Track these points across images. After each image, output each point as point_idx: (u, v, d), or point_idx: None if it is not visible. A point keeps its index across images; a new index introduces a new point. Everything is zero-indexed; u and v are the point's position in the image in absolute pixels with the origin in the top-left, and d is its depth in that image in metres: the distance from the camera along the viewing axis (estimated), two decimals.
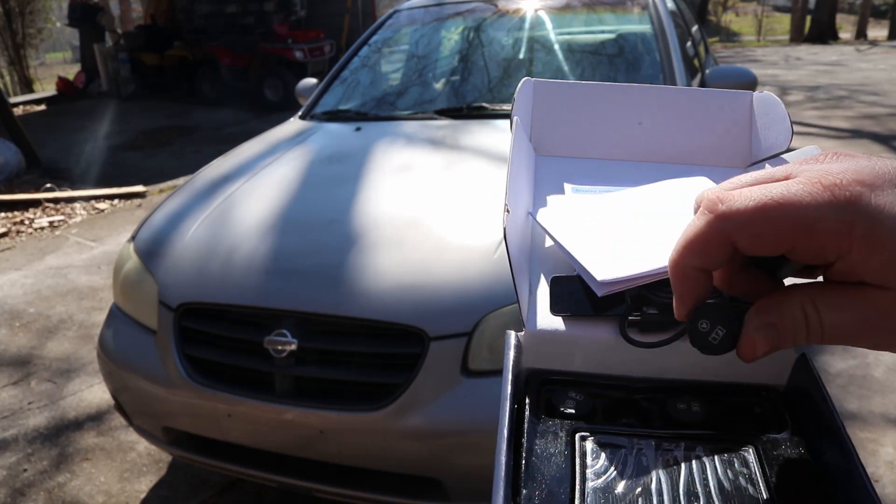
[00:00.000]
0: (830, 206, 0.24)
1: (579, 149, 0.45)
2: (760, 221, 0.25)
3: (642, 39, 2.52)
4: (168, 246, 1.77)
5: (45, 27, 15.46)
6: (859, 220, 0.24)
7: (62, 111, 9.41)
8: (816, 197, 0.24)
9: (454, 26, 2.92)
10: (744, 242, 0.26)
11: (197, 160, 5.85)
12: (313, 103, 2.66)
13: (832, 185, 0.25)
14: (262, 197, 1.90)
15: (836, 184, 0.25)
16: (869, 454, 1.97)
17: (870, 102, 7.73)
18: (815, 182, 0.25)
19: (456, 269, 1.50)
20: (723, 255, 0.26)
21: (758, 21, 22.82)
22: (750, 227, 0.25)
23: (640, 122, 0.43)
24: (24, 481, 2.05)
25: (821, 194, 0.24)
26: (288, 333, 1.48)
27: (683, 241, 0.27)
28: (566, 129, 0.44)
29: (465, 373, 1.42)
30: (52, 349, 2.84)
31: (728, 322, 0.28)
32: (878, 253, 0.24)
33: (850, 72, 10.68)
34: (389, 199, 1.83)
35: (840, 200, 0.24)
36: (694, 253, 0.27)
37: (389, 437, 1.43)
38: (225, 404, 1.53)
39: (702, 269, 0.27)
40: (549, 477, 0.27)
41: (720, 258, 0.27)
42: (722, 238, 0.26)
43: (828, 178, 0.25)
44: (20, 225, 4.59)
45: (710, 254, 0.27)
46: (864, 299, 0.25)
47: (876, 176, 0.25)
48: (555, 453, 0.28)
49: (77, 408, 2.41)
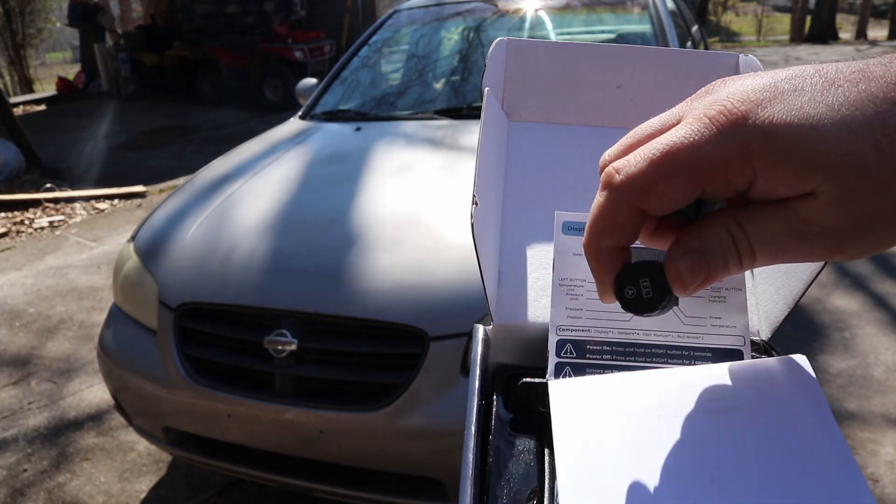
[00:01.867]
0: (720, 136, 0.23)
1: (555, 114, 0.42)
2: (659, 180, 0.23)
3: (642, 39, 2.52)
4: (168, 246, 1.77)
5: (45, 27, 15.46)
6: (752, 141, 0.22)
7: (62, 111, 9.41)
8: (704, 133, 0.23)
9: (454, 26, 2.92)
10: (651, 206, 0.24)
11: (197, 160, 5.85)
12: (313, 103, 2.66)
13: (717, 114, 0.23)
14: (263, 197, 1.90)
15: (720, 111, 0.23)
16: (869, 454, 1.97)
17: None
18: (700, 118, 0.23)
19: (456, 269, 1.50)
20: (634, 226, 0.25)
21: (758, 21, 22.77)
22: (650, 189, 0.24)
23: (620, 86, 0.41)
24: (24, 481, 2.05)
25: (708, 128, 0.23)
26: (288, 333, 1.49)
27: (591, 222, 0.26)
28: (541, 92, 0.42)
29: (466, 373, 1.42)
30: (52, 349, 2.84)
31: (651, 271, 0.26)
32: (783, 165, 0.22)
33: None
34: (390, 198, 1.83)
35: (727, 128, 0.23)
36: (605, 233, 0.26)
37: (389, 437, 1.43)
38: (225, 404, 1.53)
39: (617, 246, 0.26)
40: (517, 476, 0.26)
41: (633, 229, 0.25)
42: (627, 209, 0.25)
43: (712, 108, 0.23)
44: (20, 225, 4.59)
45: (621, 229, 0.25)
46: (788, 210, 0.23)
47: (761, 91, 0.23)
48: (523, 451, 0.27)
49: (77, 408, 2.41)
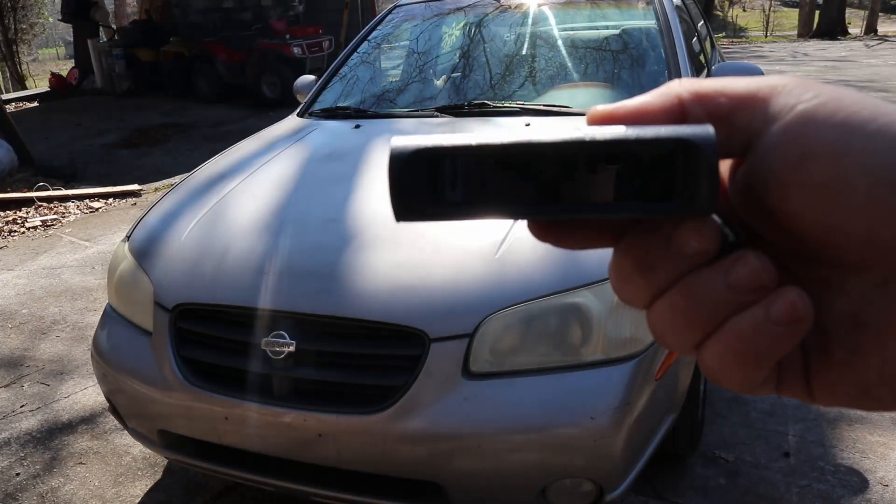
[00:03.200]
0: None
1: None
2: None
3: (647, 35, 2.49)
4: (163, 246, 1.75)
5: (37, 22, 15.37)
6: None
7: (55, 108, 9.35)
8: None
9: (455, 22, 2.89)
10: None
11: (193, 158, 5.81)
12: (312, 100, 2.63)
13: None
14: (260, 196, 1.87)
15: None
16: (879, 458, 1.96)
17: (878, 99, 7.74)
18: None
19: (457, 270, 1.48)
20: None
21: (765, 16, 22.71)
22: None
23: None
24: (17, 485, 2.02)
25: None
26: (286, 335, 1.46)
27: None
28: None
29: (467, 375, 1.40)
30: (45, 351, 2.80)
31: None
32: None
33: (858, 68, 10.68)
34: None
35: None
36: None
37: (389, 440, 1.41)
38: (222, 407, 1.50)
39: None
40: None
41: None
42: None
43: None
44: (13, 224, 4.54)
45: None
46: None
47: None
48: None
49: (71, 410, 2.37)
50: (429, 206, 0.22)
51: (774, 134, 0.21)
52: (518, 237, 1.52)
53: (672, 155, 0.21)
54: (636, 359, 1.41)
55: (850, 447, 2.00)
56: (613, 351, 1.41)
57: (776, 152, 0.21)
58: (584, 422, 1.36)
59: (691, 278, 0.22)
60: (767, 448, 2.02)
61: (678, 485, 1.89)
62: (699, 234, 0.22)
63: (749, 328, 0.21)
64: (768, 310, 0.21)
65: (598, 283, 1.41)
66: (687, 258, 0.22)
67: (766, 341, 0.21)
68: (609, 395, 1.37)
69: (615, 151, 0.21)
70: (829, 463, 1.94)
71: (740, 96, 0.22)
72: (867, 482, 1.85)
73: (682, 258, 0.22)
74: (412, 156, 0.22)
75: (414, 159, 0.22)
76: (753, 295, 0.21)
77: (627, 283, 0.24)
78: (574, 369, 1.40)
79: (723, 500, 1.84)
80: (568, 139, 0.21)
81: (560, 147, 0.21)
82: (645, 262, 0.23)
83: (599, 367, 1.40)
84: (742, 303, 0.21)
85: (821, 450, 1.99)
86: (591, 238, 0.24)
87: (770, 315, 0.21)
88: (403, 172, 0.22)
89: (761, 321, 0.21)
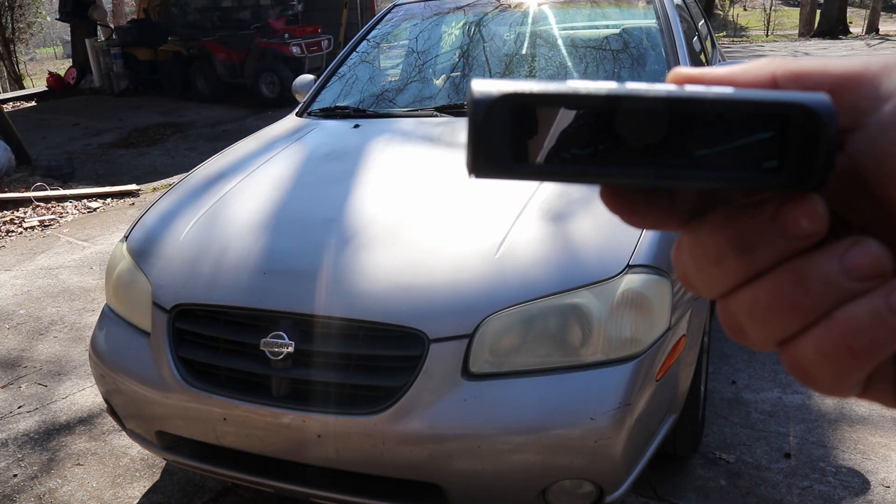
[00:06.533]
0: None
1: None
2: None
3: (647, 34, 2.48)
4: (162, 246, 1.74)
5: (35, 21, 15.34)
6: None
7: (53, 108, 9.33)
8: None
9: (455, 21, 2.88)
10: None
11: (191, 158, 5.81)
12: (310, 100, 2.62)
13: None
14: (258, 196, 1.86)
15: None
16: (881, 459, 1.95)
17: None
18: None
19: (456, 270, 1.47)
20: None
21: (766, 15, 22.69)
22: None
23: None
24: (14, 487, 2.01)
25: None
26: (285, 335, 1.45)
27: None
28: None
29: (467, 375, 1.39)
30: (43, 351, 2.79)
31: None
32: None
33: None
34: (388, 197, 1.79)
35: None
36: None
37: (388, 441, 1.40)
38: (220, 408, 1.50)
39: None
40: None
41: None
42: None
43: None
44: (10, 224, 4.52)
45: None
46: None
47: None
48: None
49: (68, 411, 2.36)
50: (511, 161, 0.20)
51: (888, 113, 0.20)
52: (518, 237, 1.51)
53: (785, 122, 0.19)
54: (636, 359, 1.41)
55: (852, 448, 1.99)
56: (614, 351, 1.41)
57: (890, 133, 0.20)
58: (585, 423, 1.35)
59: (799, 261, 0.20)
60: (768, 449, 2.01)
61: (679, 486, 1.89)
62: (812, 215, 0.20)
63: (866, 318, 0.19)
64: (889, 299, 0.19)
65: (598, 283, 1.40)
66: (794, 240, 0.20)
67: (884, 334, 0.19)
68: (609, 395, 1.37)
69: (726, 112, 0.19)
70: (830, 464, 1.93)
71: (845, 74, 0.21)
72: (869, 483, 1.85)
73: (789, 239, 0.20)
74: (497, 102, 0.19)
75: (498, 106, 0.20)
76: (871, 283, 0.19)
77: (714, 266, 0.21)
78: (574, 370, 1.40)
79: (723, 501, 1.83)
80: (680, 95, 0.19)
81: (671, 103, 0.19)
82: (743, 242, 0.21)
83: (599, 367, 1.40)
84: (857, 291, 0.20)
85: (822, 451, 1.99)
86: (664, 216, 0.22)
87: (892, 304, 0.19)
88: (485, 121, 0.19)
89: (882, 311, 0.19)
